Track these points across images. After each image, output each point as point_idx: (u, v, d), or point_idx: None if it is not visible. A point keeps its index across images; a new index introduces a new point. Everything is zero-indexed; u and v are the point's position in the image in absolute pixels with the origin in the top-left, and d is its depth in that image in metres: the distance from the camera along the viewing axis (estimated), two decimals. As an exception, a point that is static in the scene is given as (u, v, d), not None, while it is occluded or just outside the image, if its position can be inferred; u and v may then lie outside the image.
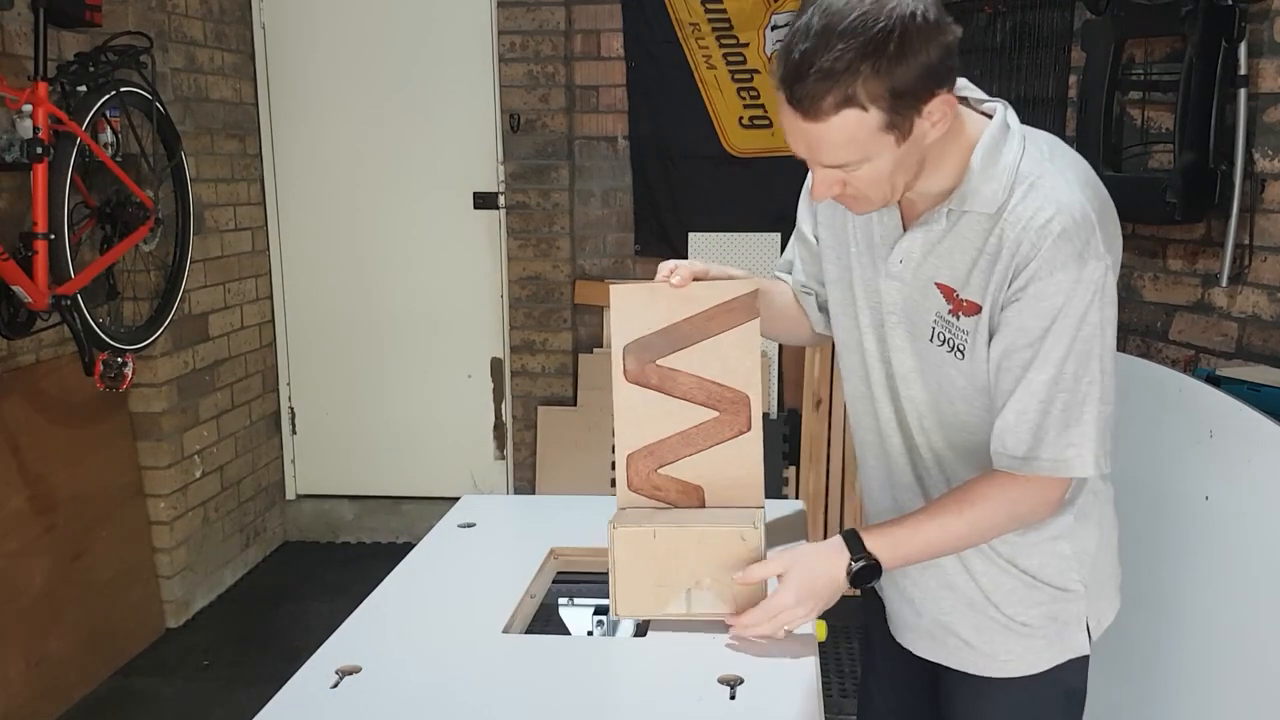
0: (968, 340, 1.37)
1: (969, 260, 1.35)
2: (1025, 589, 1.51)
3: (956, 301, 1.37)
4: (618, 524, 1.45)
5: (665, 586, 1.45)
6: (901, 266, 1.41)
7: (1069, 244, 1.27)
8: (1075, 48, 3.25)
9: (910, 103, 1.23)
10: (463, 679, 1.38)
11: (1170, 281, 2.93)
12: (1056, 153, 1.37)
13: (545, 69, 4.07)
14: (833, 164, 1.29)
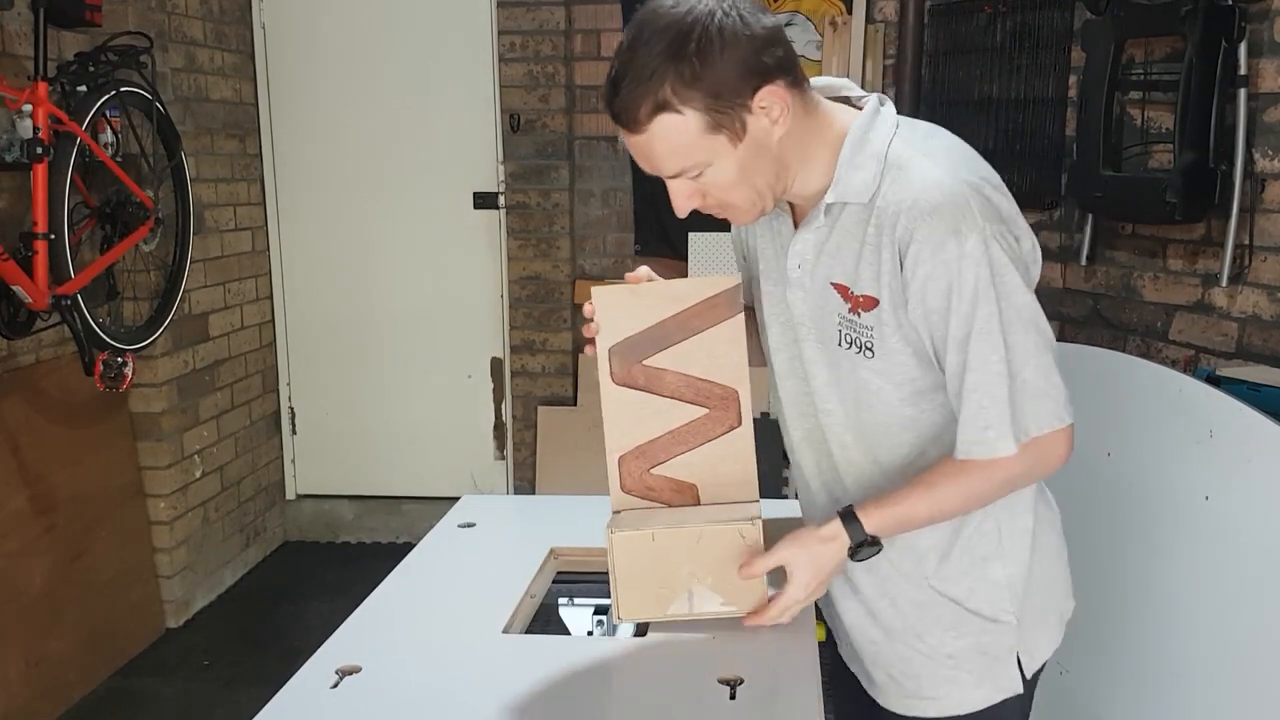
0: (873, 336, 1.33)
1: (854, 254, 1.32)
2: (951, 617, 1.44)
3: (853, 299, 1.33)
4: (615, 529, 1.44)
5: (667, 588, 1.44)
6: (800, 271, 1.38)
7: (941, 220, 1.23)
8: (1075, 48, 3.25)
9: (730, 101, 1.22)
10: (463, 679, 1.38)
11: (1170, 281, 2.93)
12: (931, 137, 1.34)
13: (545, 69, 4.07)
14: (672, 173, 1.29)
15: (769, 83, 1.24)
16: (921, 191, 1.25)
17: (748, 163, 1.27)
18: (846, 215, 1.32)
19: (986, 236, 1.24)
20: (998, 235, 1.25)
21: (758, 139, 1.26)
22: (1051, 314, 1.43)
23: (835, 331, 1.37)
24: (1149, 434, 2.37)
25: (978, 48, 3.58)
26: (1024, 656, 1.45)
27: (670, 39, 1.21)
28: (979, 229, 1.23)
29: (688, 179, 1.29)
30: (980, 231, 1.23)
